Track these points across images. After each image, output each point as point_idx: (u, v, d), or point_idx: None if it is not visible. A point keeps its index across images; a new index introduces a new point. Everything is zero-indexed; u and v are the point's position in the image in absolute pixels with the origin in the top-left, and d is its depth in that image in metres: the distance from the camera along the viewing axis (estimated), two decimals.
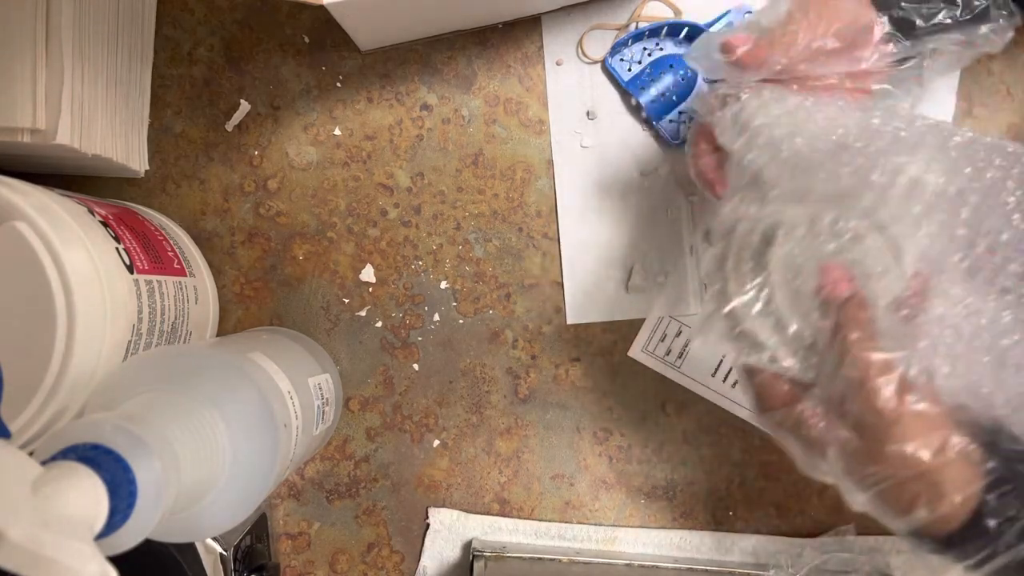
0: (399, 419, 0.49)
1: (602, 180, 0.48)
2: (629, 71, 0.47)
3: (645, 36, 0.47)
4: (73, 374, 0.31)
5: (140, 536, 0.26)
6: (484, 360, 0.49)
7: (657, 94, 0.47)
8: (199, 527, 0.32)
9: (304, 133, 0.48)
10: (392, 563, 0.49)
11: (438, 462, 0.49)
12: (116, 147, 0.43)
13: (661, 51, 0.48)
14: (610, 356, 0.48)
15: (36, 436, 0.32)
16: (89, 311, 0.32)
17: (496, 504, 0.49)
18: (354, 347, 0.48)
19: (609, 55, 0.47)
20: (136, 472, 0.25)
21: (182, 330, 0.41)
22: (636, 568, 0.45)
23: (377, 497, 0.49)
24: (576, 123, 0.48)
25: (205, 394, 0.31)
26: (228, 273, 0.48)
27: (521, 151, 0.48)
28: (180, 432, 0.29)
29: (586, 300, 0.48)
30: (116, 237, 0.37)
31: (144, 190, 0.48)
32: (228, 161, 0.48)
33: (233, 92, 0.48)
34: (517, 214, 0.48)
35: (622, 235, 0.48)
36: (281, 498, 0.49)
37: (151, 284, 0.38)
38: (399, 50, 0.48)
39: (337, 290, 0.48)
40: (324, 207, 0.48)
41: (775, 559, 0.47)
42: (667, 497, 0.49)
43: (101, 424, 0.26)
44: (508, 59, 0.48)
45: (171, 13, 0.48)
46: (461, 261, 0.48)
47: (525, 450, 0.49)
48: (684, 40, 0.48)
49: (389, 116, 0.48)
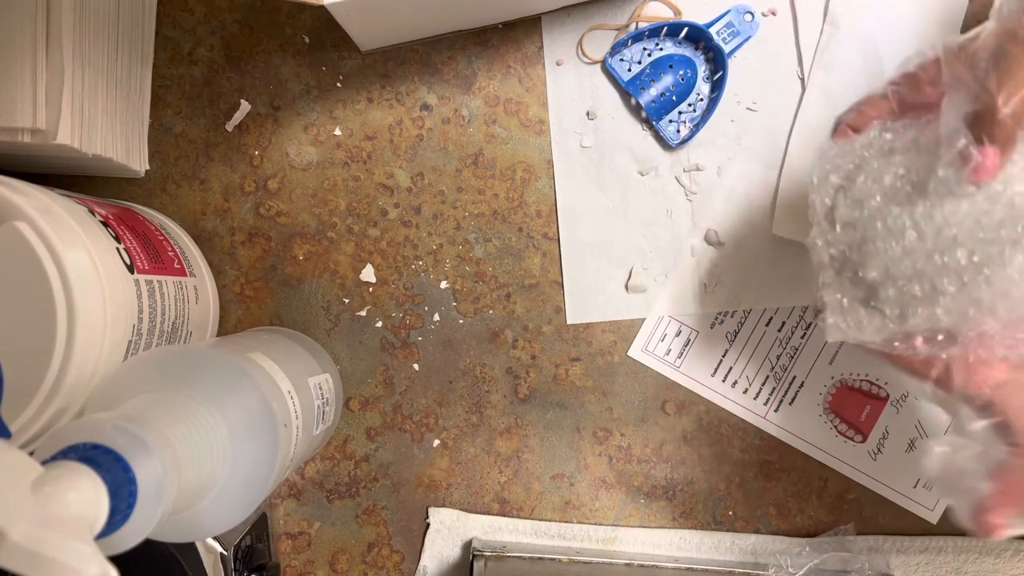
0: (399, 419, 0.49)
1: (602, 180, 0.48)
2: (629, 71, 0.47)
3: (645, 36, 0.47)
4: (73, 374, 0.31)
5: (140, 536, 0.26)
6: (484, 360, 0.49)
7: (657, 94, 0.47)
8: (199, 527, 0.32)
9: (304, 133, 0.48)
10: (392, 563, 0.49)
11: (438, 462, 0.49)
12: (116, 147, 0.43)
13: (661, 51, 0.48)
14: (610, 356, 0.49)
15: (36, 436, 0.32)
16: (89, 311, 0.32)
17: (496, 504, 0.49)
18: (354, 347, 0.48)
19: (609, 55, 0.47)
20: (136, 472, 0.25)
21: (182, 330, 0.41)
22: (636, 568, 0.46)
23: (377, 497, 0.49)
24: (576, 123, 0.48)
25: (205, 394, 0.31)
26: (228, 273, 0.48)
27: (521, 151, 0.48)
28: (180, 432, 0.29)
29: (586, 300, 0.48)
30: (116, 237, 0.37)
31: (144, 190, 0.48)
32: (228, 161, 0.48)
33: (233, 92, 0.48)
34: (517, 214, 0.48)
35: (622, 235, 0.48)
36: (281, 498, 0.49)
37: (151, 284, 0.38)
38: (399, 50, 0.48)
39: (337, 290, 0.48)
40: (324, 207, 0.48)
41: (775, 559, 0.47)
42: (667, 497, 0.49)
43: (101, 424, 0.26)
44: (508, 59, 0.48)
45: (171, 13, 0.48)
46: (461, 261, 0.48)
47: (525, 450, 0.49)
48: (684, 40, 0.48)
49: (389, 116, 0.48)
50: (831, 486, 0.49)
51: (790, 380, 0.48)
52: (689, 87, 0.47)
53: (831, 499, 0.49)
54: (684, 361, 0.48)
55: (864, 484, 0.48)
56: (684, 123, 0.47)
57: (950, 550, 0.47)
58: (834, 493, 0.49)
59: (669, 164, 0.48)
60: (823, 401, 0.48)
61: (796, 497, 0.49)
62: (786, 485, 0.49)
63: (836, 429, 0.48)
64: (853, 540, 0.47)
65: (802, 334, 0.48)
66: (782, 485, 0.49)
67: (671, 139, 0.47)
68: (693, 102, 0.48)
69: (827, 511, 0.49)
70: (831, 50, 0.47)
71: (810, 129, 0.48)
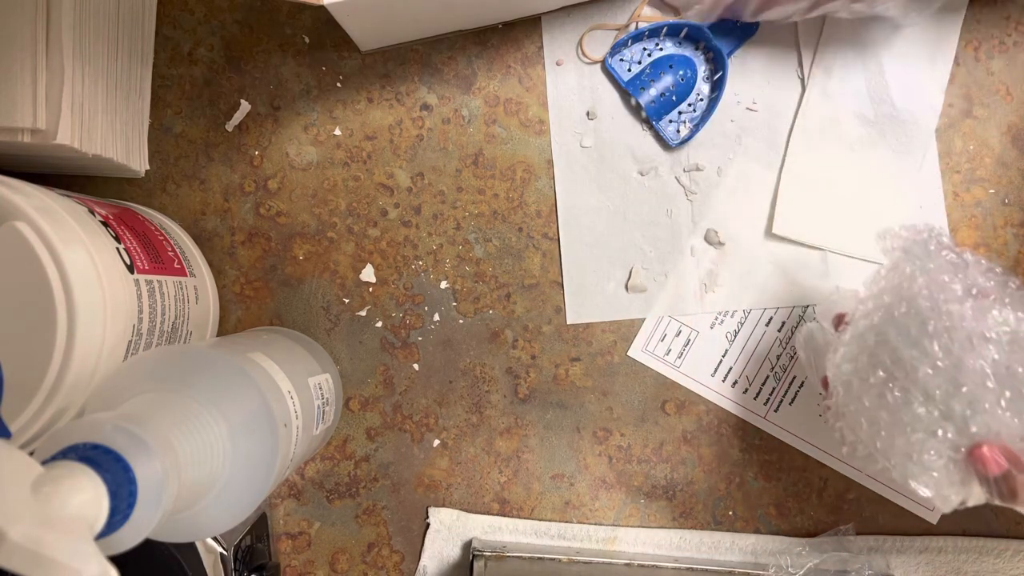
0: (399, 419, 0.49)
1: (602, 180, 0.48)
2: (629, 71, 0.47)
3: (645, 36, 0.47)
4: (73, 374, 0.31)
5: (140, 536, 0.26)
6: (484, 360, 0.49)
7: (657, 94, 0.47)
8: (199, 527, 0.32)
9: (304, 133, 0.48)
10: (392, 563, 0.49)
11: (438, 462, 0.49)
12: (116, 147, 0.43)
13: (661, 51, 0.48)
14: (610, 356, 0.48)
15: (36, 436, 0.32)
16: (89, 311, 0.32)
17: (496, 504, 0.49)
18: (354, 347, 0.48)
19: (609, 55, 0.47)
20: (136, 472, 0.25)
21: (182, 330, 0.41)
22: (636, 568, 0.46)
23: (377, 497, 0.49)
24: (576, 123, 0.48)
25: (205, 394, 0.31)
26: (228, 273, 0.48)
27: (521, 151, 0.48)
28: (180, 432, 0.29)
29: (586, 300, 0.48)
30: (116, 237, 0.37)
31: (144, 190, 0.48)
32: (228, 161, 0.48)
33: (233, 92, 0.48)
34: (517, 214, 0.48)
35: (622, 235, 0.48)
36: (281, 498, 0.49)
37: (151, 284, 0.38)
38: (399, 50, 0.48)
39: (337, 290, 0.48)
40: (324, 207, 0.48)
41: (775, 559, 0.47)
42: (667, 497, 0.49)
43: (101, 424, 0.26)
44: (508, 59, 0.48)
45: (171, 13, 0.48)
46: (461, 261, 0.48)
47: (525, 450, 0.49)
48: (684, 40, 0.48)
49: (389, 116, 0.48)
50: (831, 486, 0.49)
51: (790, 380, 0.48)
52: (689, 87, 0.47)
53: (831, 499, 0.49)
54: (684, 361, 0.48)
55: (864, 484, 0.48)
56: (684, 123, 0.47)
57: (950, 550, 0.47)
58: (834, 493, 0.49)
59: (669, 164, 0.48)
60: (823, 401, 0.48)
61: (796, 497, 0.49)
62: (786, 485, 0.49)
63: None
64: (853, 540, 0.47)
65: None
66: (782, 485, 0.49)
67: (671, 139, 0.47)
68: (693, 102, 0.48)
69: (827, 511, 0.49)
70: (831, 50, 0.47)
71: (810, 129, 0.48)
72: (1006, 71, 0.48)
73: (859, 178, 0.48)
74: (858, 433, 0.37)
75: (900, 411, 0.35)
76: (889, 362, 0.36)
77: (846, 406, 0.38)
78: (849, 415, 0.38)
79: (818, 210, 0.48)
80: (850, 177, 0.48)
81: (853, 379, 0.37)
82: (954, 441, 0.34)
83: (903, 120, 0.48)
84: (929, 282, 0.36)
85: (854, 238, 0.48)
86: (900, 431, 0.35)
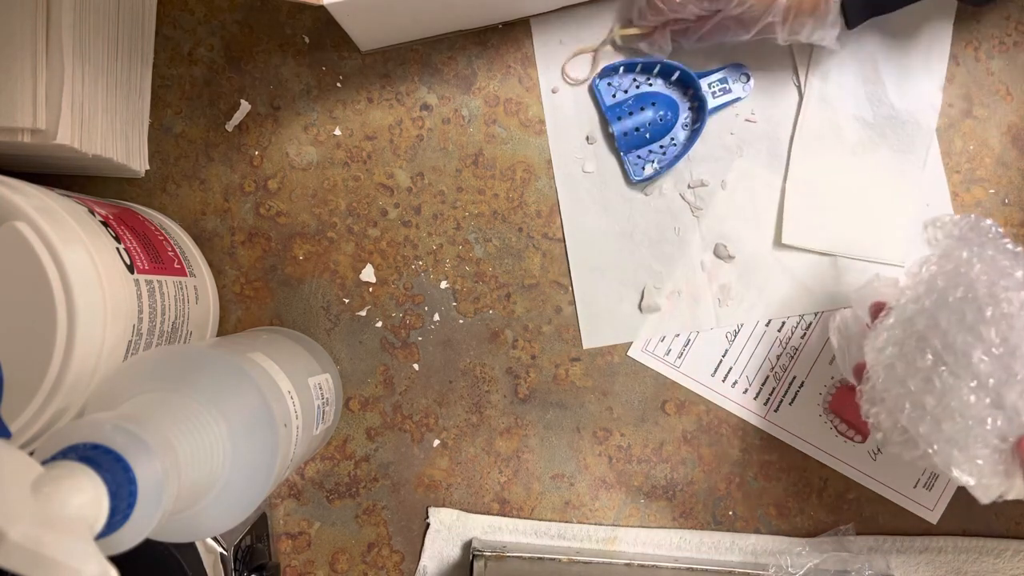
0: (399, 419, 0.49)
1: (607, 204, 0.48)
2: (614, 97, 0.47)
3: (638, 69, 0.47)
4: (73, 374, 0.31)
5: (140, 536, 0.26)
6: (484, 360, 0.49)
7: (632, 127, 0.47)
8: (199, 527, 0.32)
9: (304, 133, 0.48)
10: (392, 563, 0.49)
11: (438, 462, 0.49)
12: (116, 147, 0.43)
13: (650, 87, 0.48)
14: (610, 356, 0.48)
15: (36, 436, 0.32)
16: (89, 311, 0.32)
17: (496, 504, 0.49)
18: (354, 347, 0.48)
19: (597, 77, 0.47)
20: (136, 472, 0.25)
21: (182, 330, 0.41)
22: (636, 568, 0.45)
23: (377, 497, 0.49)
24: (576, 149, 0.48)
25: (205, 394, 0.31)
26: (228, 273, 0.48)
27: (521, 151, 0.48)
28: (180, 432, 0.29)
29: (601, 324, 0.48)
30: (116, 237, 0.37)
31: (144, 190, 0.48)
32: (228, 161, 0.48)
33: (233, 92, 0.48)
34: (517, 214, 0.48)
35: (631, 256, 0.48)
36: (281, 498, 0.49)
37: (151, 284, 0.38)
38: (399, 50, 0.48)
39: (337, 290, 0.48)
40: (324, 207, 0.48)
41: (775, 559, 0.47)
42: (667, 497, 0.49)
43: (101, 424, 0.26)
44: (508, 59, 0.48)
45: (171, 13, 0.48)
46: (461, 261, 0.48)
47: (525, 450, 0.49)
48: (675, 83, 0.48)
49: (389, 116, 0.48)
50: (831, 486, 0.49)
51: (790, 380, 0.48)
52: (666, 129, 0.47)
53: (831, 499, 0.49)
54: (684, 361, 0.48)
55: (864, 484, 0.48)
56: (652, 163, 0.47)
57: (950, 550, 0.47)
58: (834, 493, 0.49)
59: (672, 181, 0.48)
60: (823, 401, 0.48)
61: (796, 497, 0.49)
62: (786, 485, 0.49)
63: (836, 429, 0.48)
64: (853, 540, 0.47)
65: (802, 334, 0.48)
66: (782, 485, 0.49)
67: (634, 174, 0.47)
68: (666, 145, 0.48)
69: (827, 511, 0.49)
70: (825, 56, 0.47)
71: (811, 136, 0.48)
72: (1006, 71, 0.48)
73: (863, 181, 0.48)
74: (898, 418, 0.36)
75: (948, 396, 0.34)
76: (940, 347, 0.35)
77: (886, 390, 0.37)
78: (889, 399, 0.37)
79: (825, 216, 0.48)
80: (854, 181, 0.48)
81: (897, 363, 0.37)
82: (1002, 430, 0.34)
83: (903, 120, 0.48)
84: (988, 268, 0.35)
85: (863, 241, 0.48)
86: (947, 417, 0.34)
